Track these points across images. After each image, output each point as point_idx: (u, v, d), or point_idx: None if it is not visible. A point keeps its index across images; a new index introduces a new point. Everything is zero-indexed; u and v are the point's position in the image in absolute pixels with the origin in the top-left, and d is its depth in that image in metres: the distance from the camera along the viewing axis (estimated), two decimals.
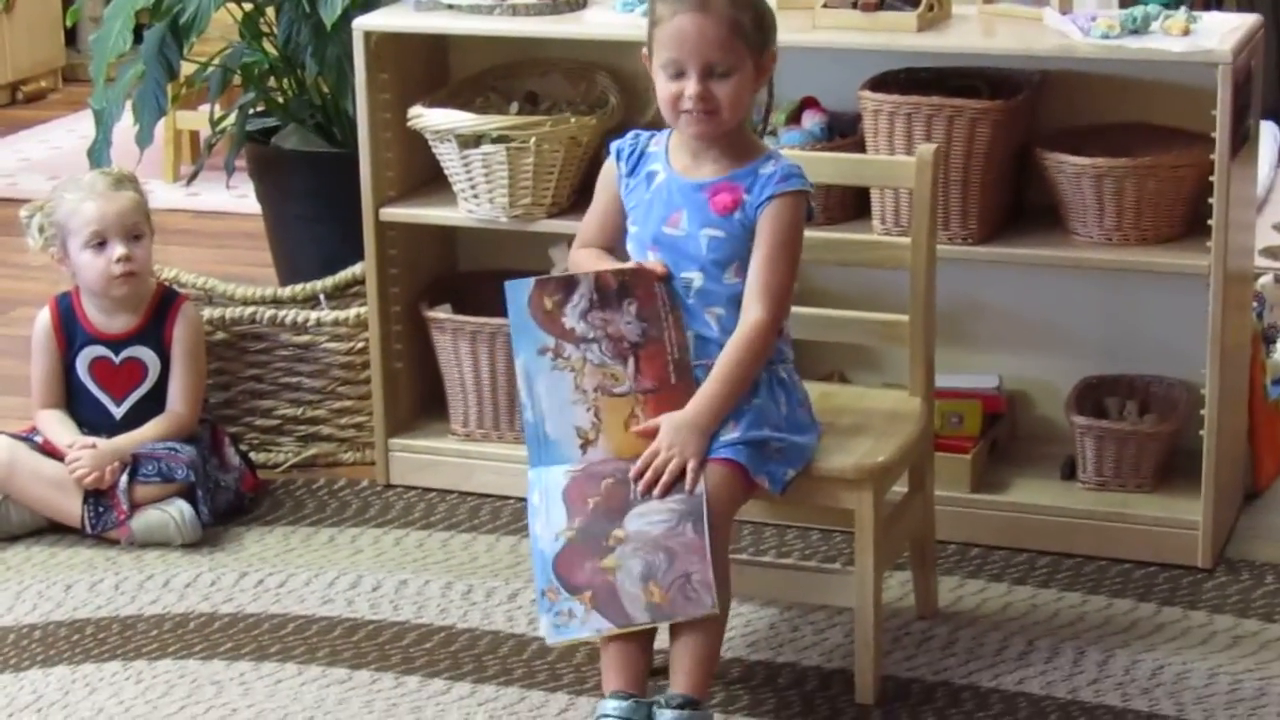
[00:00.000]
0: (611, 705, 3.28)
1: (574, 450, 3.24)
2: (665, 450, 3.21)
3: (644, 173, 3.44)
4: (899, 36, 3.92)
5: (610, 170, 3.51)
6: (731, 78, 3.29)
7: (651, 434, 3.25)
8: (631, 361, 3.29)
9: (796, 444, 3.37)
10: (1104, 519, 3.95)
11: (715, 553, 3.24)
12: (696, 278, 3.36)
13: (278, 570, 3.99)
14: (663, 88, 3.32)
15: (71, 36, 7.86)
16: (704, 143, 3.37)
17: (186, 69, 5.08)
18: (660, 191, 3.40)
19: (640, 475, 3.21)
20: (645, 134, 3.47)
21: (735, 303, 3.35)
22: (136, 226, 4.18)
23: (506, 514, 4.13)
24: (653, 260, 3.38)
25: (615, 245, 3.51)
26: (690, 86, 3.28)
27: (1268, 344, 4.32)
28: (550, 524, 3.18)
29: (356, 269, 4.40)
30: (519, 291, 3.32)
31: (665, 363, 3.30)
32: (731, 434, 3.31)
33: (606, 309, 3.30)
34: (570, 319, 3.30)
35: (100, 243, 4.14)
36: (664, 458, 3.20)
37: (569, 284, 3.32)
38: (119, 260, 4.13)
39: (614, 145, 3.52)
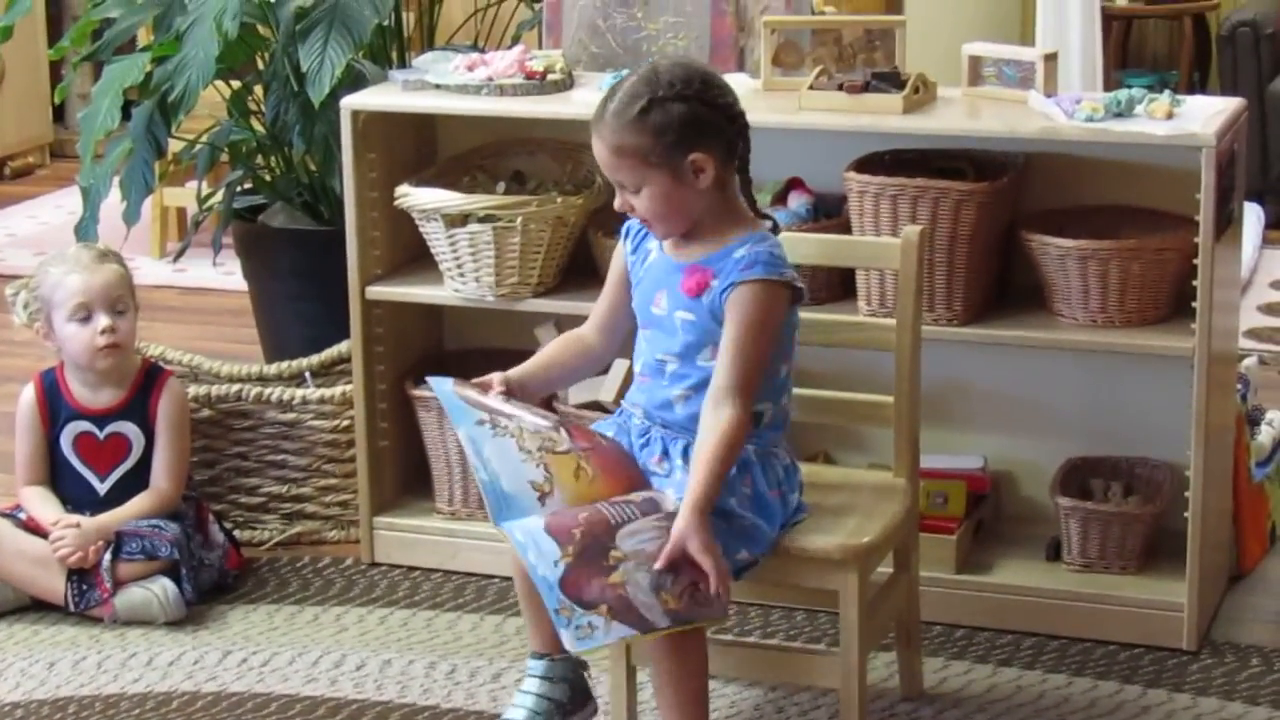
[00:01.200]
0: (533, 665, 3.44)
1: (533, 503, 3.26)
2: (675, 537, 3.19)
3: (643, 250, 3.47)
4: (884, 118, 3.94)
5: (620, 250, 3.53)
6: (641, 192, 3.31)
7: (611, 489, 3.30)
8: (562, 430, 3.34)
9: (759, 527, 3.36)
10: (1089, 600, 3.95)
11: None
12: (672, 361, 3.39)
13: (261, 649, 3.98)
14: None
15: (60, 113, 7.89)
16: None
17: (174, 146, 5.10)
18: (650, 270, 3.43)
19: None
20: None
21: (705, 385, 3.35)
22: (121, 300, 4.19)
23: (491, 593, 4.12)
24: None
25: (618, 325, 3.54)
26: (616, 199, 3.36)
27: (1252, 426, 4.32)
28: (544, 554, 3.17)
29: (342, 347, 4.40)
30: (442, 384, 3.40)
31: (590, 431, 3.43)
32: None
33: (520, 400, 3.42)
34: (494, 403, 3.36)
35: (85, 315, 4.14)
36: (675, 544, 3.19)
37: (483, 386, 3.42)
38: (103, 332, 4.13)
39: (625, 225, 3.54)
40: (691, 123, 3.31)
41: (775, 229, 3.46)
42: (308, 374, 4.52)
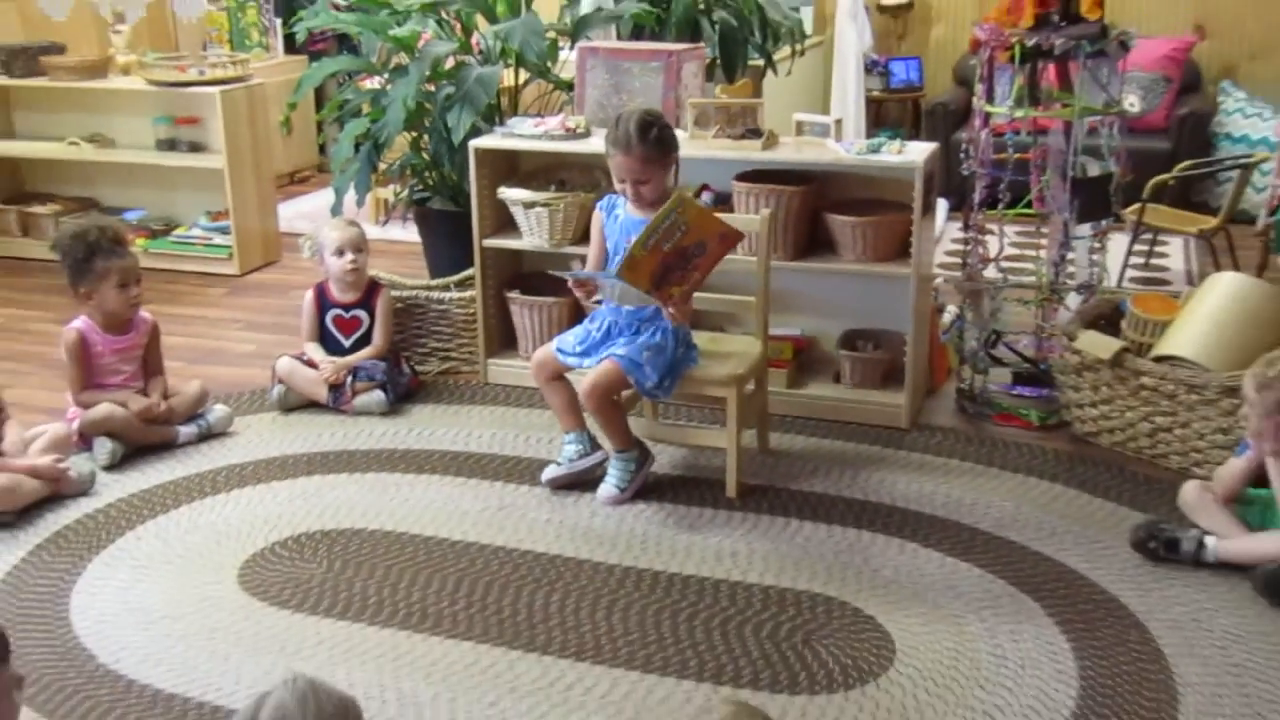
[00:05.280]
0: (566, 438, 3.47)
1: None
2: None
3: (614, 214, 3.45)
4: (752, 153, 3.92)
5: (598, 217, 3.51)
6: (649, 183, 3.30)
7: None
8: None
9: (679, 367, 3.38)
10: (855, 402, 3.97)
11: (606, 409, 3.37)
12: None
13: (430, 427, 3.99)
14: (616, 183, 3.37)
15: (322, 148, 7.78)
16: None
17: (382, 166, 5.05)
18: (622, 224, 3.43)
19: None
20: (616, 195, 3.46)
21: None
22: (359, 245, 4.18)
23: (544, 402, 4.12)
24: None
25: (600, 260, 3.50)
26: (628, 190, 3.34)
27: (939, 313, 4.33)
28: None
29: (470, 270, 4.38)
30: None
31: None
32: (620, 349, 3.36)
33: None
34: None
35: (340, 252, 4.14)
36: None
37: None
38: (350, 262, 4.14)
39: (599, 204, 3.52)
40: (674, 141, 3.35)
41: (700, 198, 3.48)
42: (452, 285, 4.51)
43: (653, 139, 3.28)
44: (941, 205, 5.81)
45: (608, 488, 3.45)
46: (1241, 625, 2.87)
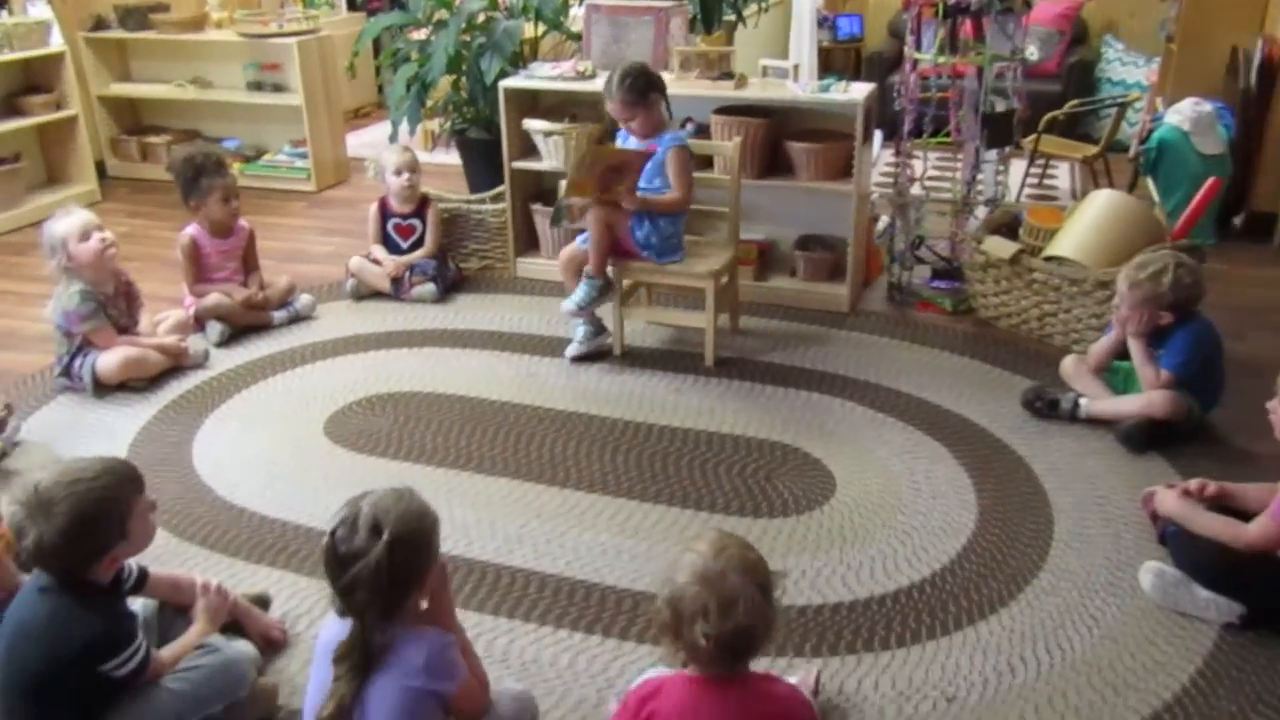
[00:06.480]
0: (588, 280, 3.38)
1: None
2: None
3: (626, 142, 3.41)
4: (727, 92, 3.82)
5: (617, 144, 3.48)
6: (634, 119, 3.27)
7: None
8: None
9: (665, 250, 3.37)
10: (807, 292, 3.94)
11: (600, 234, 3.31)
12: (640, 179, 3.34)
13: (472, 311, 3.96)
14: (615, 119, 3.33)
15: (380, 89, 7.60)
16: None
17: (429, 103, 4.94)
18: (630, 147, 3.39)
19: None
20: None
21: (657, 191, 3.34)
22: (413, 166, 4.10)
23: (561, 291, 4.09)
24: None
25: None
26: (621, 124, 3.33)
27: (873, 221, 4.29)
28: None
29: (502, 187, 4.31)
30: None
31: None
32: (638, 232, 3.33)
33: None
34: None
35: (398, 172, 4.06)
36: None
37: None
38: (406, 180, 4.06)
39: (618, 133, 3.48)
40: (655, 83, 3.29)
41: (685, 128, 3.44)
42: (488, 198, 4.44)
43: (627, 87, 3.27)
44: (877, 135, 5.70)
45: (569, 302, 3.42)
46: (1105, 466, 2.90)
